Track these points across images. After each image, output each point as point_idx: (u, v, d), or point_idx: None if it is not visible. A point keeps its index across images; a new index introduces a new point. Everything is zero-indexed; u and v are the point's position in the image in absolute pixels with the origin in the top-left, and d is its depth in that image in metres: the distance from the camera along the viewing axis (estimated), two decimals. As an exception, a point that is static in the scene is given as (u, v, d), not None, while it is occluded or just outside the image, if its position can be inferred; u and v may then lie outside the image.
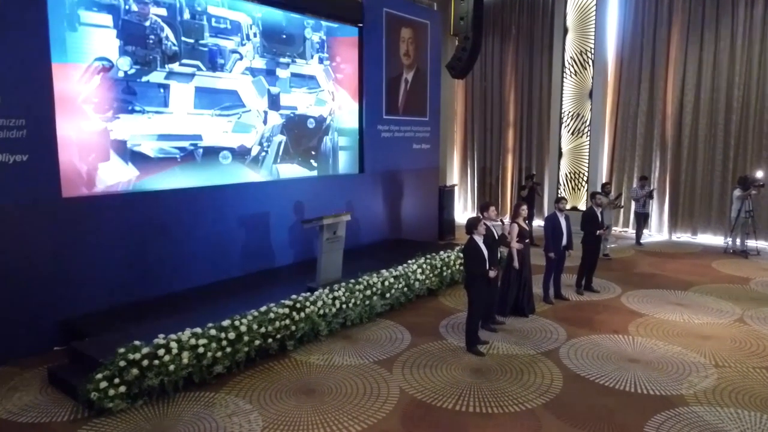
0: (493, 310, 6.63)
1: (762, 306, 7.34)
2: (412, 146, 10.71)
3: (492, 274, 5.84)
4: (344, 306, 6.44)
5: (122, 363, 4.67)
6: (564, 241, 7.41)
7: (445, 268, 8.08)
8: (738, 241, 10.38)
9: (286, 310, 5.87)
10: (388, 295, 7.03)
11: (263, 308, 5.80)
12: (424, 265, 7.76)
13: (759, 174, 10.23)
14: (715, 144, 11.41)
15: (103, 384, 4.57)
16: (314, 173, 8.96)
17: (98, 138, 6.32)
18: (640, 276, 8.95)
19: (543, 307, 7.33)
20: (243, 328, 5.43)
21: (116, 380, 4.63)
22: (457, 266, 8.29)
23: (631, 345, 6.06)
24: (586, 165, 12.78)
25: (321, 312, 6.16)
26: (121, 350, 4.76)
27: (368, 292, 6.76)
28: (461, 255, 8.35)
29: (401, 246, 9.60)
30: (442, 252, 8.45)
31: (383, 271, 7.27)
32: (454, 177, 14.87)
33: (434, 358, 5.75)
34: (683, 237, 11.99)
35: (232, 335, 5.33)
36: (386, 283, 7.05)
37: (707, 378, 5.22)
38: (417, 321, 6.86)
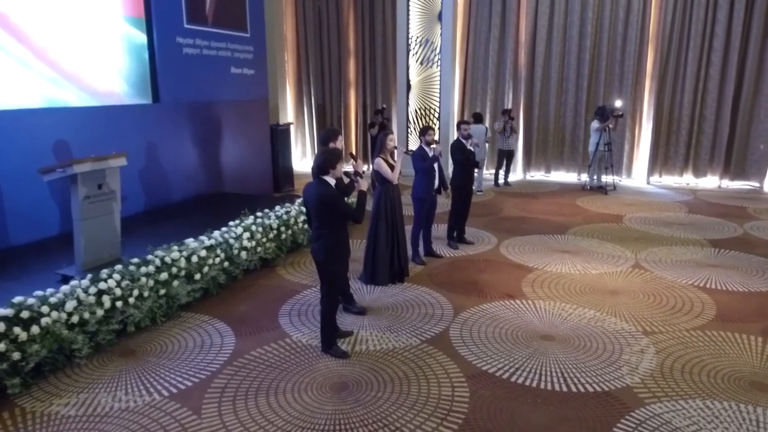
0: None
1: (650, 246, 6.49)
2: (230, 69, 8.10)
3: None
4: (120, 303, 3.98)
5: None
6: (436, 183, 5.76)
7: (284, 229, 5.93)
8: (595, 177, 9.78)
9: (1, 327, 3.28)
10: (198, 276, 4.69)
11: (-53, 330, 3.16)
12: (254, 227, 5.52)
13: (618, 103, 9.57)
14: (568, 74, 10.65)
15: None
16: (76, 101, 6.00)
17: None
18: (510, 220, 7.77)
19: (415, 270, 5.64)
20: None
21: None
22: (300, 225, 6.20)
23: (535, 313, 4.61)
24: (438, 99, 11.31)
25: (74, 320, 3.66)
26: None
27: (164, 276, 4.36)
28: (305, 209, 6.29)
29: (223, 202, 7.19)
30: (278, 207, 6.26)
31: (190, 240, 4.89)
32: (288, 116, 12.50)
33: (273, 374, 3.67)
34: (537, 175, 11.30)
35: None
36: (195, 259, 4.70)
37: (644, 354, 3.91)
38: (245, 311, 4.67)
